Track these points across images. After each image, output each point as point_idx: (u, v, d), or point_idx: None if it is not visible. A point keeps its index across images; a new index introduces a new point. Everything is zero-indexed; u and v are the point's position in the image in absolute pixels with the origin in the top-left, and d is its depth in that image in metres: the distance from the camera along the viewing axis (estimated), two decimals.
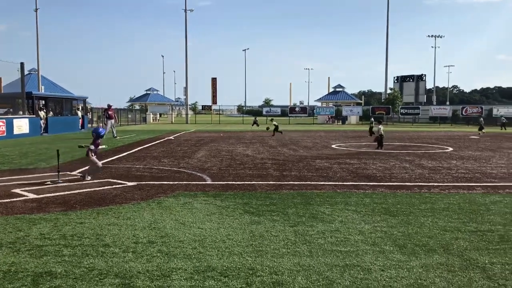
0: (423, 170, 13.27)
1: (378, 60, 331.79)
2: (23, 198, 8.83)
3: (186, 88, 79.62)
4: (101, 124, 33.32)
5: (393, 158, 16.62)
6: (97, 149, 11.23)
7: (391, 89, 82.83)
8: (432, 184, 10.82)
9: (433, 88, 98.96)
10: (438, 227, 6.77)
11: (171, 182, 10.89)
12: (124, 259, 5.27)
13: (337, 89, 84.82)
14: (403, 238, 6.20)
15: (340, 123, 70.51)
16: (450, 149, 21.52)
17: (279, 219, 7.20)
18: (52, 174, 11.59)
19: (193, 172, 12.71)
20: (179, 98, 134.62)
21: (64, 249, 5.64)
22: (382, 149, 20.69)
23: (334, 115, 71.85)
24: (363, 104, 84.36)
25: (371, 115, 39.99)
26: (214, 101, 76.77)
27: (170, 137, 29.53)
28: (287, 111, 73.05)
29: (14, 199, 8.67)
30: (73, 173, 12.12)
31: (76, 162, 14.63)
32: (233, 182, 10.88)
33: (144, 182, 10.79)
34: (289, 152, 19.14)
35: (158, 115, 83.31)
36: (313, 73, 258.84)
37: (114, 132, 28.63)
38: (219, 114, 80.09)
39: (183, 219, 7.22)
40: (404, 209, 7.98)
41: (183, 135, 33.20)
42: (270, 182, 10.91)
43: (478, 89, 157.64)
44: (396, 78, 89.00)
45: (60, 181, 10.47)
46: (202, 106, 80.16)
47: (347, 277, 4.74)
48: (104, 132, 12.18)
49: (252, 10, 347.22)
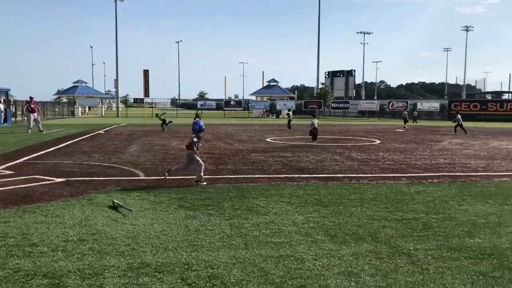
0: (352, 162, 13.78)
1: (310, 56, 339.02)
2: None
3: (116, 80, 77.13)
4: (25, 118, 31.41)
5: (324, 151, 17.11)
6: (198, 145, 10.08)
7: (322, 84, 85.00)
8: (361, 175, 11.27)
9: (362, 83, 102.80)
10: (367, 216, 7.08)
11: (102, 178, 10.56)
12: (53, 259, 5.05)
13: (271, 83, 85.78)
14: (334, 227, 6.42)
15: (275, 117, 71.45)
16: (378, 141, 22.50)
17: (214, 213, 7.20)
18: None
19: (125, 167, 12.40)
20: (110, 91, 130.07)
21: None
22: (315, 142, 21.26)
23: (268, 109, 72.69)
24: (296, 99, 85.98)
25: (288, 112, 41.05)
26: (147, 94, 74.95)
27: (101, 131, 28.54)
28: (222, 105, 72.96)
29: None
30: None
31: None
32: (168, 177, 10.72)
33: (73, 178, 10.38)
34: (224, 146, 19.16)
35: (87, 109, 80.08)
36: (248, 67, 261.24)
37: (40, 127, 27.21)
38: (152, 107, 78.40)
39: (115, 215, 7.03)
40: (335, 199, 8.26)
41: (114, 129, 32.23)
42: (206, 176, 10.87)
43: (404, 84, 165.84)
44: (327, 73, 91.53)
45: None
46: (134, 99, 77.90)
47: (282, 268, 4.84)
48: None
49: (186, 2, 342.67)
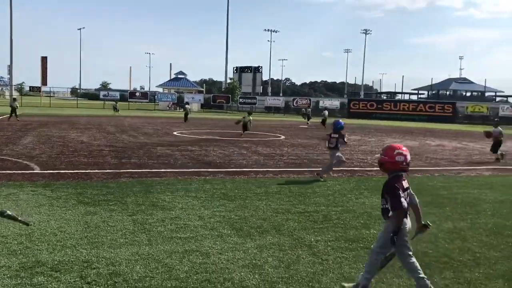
0: (259, 157, 14.04)
1: (219, 50, 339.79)
2: None
3: (10, 66, 71.36)
4: None
5: (232, 145, 17.25)
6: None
7: (230, 79, 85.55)
8: (267, 169, 11.52)
9: (268, 79, 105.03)
10: (271, 210, 7.25)
11: None
12: None
13: (179, 76, 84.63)
14: (240, 221, 6.49)
15: (182, 110, 70.62)
16: (283, 137, 23.16)
17: (117, 209, 6.94)
18: None
19: (19, 160, 11.51)
20: (2, 77, 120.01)
21: None
22: (243, 135, 21.50)
23: (176, 102, 71.64)
24: (204, 92, 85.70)
25: (185, 105, 41.17)
26: (44, 82, 70.17)
27: None
28: (127, 96, 70.54)
29: None
30: None
31: None
32: (66, 171, 10.15)
33: None
34: (128, 139, 18.55)
35: None
36: (154, 58, 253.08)
37: None
38: (50, 96, 73.66)
39: None
40: (241, 193, 8.35)
41: (7, 118, 29.79)
42: (107, 170, 10.45)
43: (308, 82, 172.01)
44: (235, 68, 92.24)
45: None
46: (30, 87, 72.64)
47: (186, 263, 4.80)
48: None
49: None
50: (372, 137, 25.64)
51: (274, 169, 11.59)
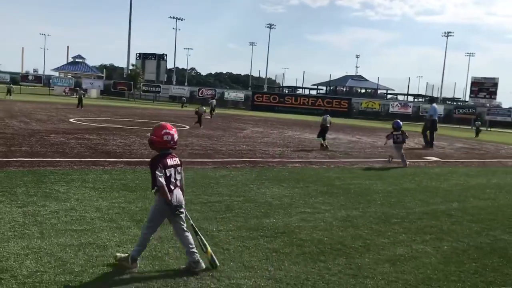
0: None
1: (121, 34, 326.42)
2: None
3: None
4: None
5: (133, 135, 16.73)
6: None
7: (133, 65, 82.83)
8: None
9: (173, 68, 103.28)
10: None
11: None
12: None
13: (77, 60, 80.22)
14: (140, 212, 6.33)
15: (75, 95, 66.99)
16: (187, 127, 22.95)
17: (5, 200, 6.41)
18: None
19: None
20: None
21: None
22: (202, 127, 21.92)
23: (73, 87, 67.76)
24: (104, 78, 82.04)
25: (80, 91, 39.52)
26: None
27: None
28: (19, 79, 65.32)
29: None
30: None
31: None
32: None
33: None
34: (19, 125, 17.21)
35: None
36: (50, 40, 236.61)
37: None
38: None
39: None
40: (142, 184, 8.14)
41: None
42: None
43: (213, 73, 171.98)
44: (138, 55, 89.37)
45: None
46: None
47: (82, 256, 4.58)
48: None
49: None
50: (274, 129, 26.37)
51: None
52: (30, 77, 68.23)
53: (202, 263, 4.44)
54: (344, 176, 10.96)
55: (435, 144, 20.93)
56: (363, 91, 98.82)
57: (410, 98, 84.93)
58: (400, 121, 14.21)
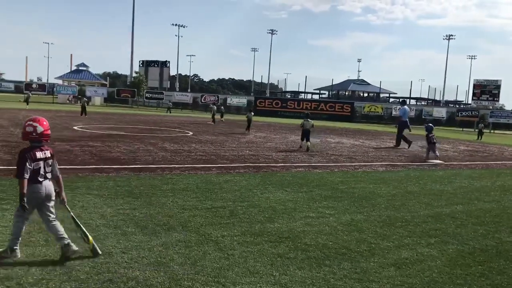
0: (166, 153, 13.81)
1: (124, 42, 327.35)
2: None
3: None
4: None
5: (138, 141, 16.78)
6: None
7: (136, 72, 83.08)
8: (174, 166, 11.38)
9: (176, 75, 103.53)
10: (178, 206, 7.17)
11: None
12: None
13: (81, 68, 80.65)
14: (145, 219, 6.34)
15: (79, 102, 67.26)
16: (191, 133, 22.99)
17: (10, 208, 6.44)
18: None
19: None
20: None
21: None
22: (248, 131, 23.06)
23: (77, 94, 68.06)
24: (108, 86, 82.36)
25: (84, 98, 39.43)
26: None
27: None
28: (23, 87, 65.64)
29: None
30: None
31: None
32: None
33: None
34: None
35: None
36: (54, 48, 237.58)
37: None
38: None
39: None
40: (147, 190, 8.16)
41: None
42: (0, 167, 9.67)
43: (216, 79, 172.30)
44: (141, 62, 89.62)
45: None
46: None
47: (87, 263, 4.59)
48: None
49: None
50: (277, 134, 26.37)
51: (181, 166, 11.47)
52: (34, 86, 68.50)
53: (73, 246, 4.65)
54: (348, 180, 10.95)
55: (410, 142, 21.18)
56: (365, 95, 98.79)
57: (413, 102, 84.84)
58: (431, 125, 17.44)
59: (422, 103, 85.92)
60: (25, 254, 4.73)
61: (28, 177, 4.52)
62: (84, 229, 4.91)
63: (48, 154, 4.75)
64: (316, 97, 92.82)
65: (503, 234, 6.85)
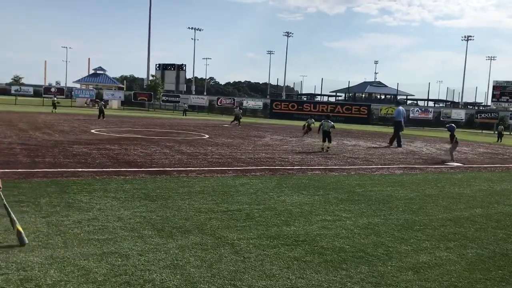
0: (182, 156, 13.88)
1: (141, 46, 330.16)
2: None
3: None
4: None
5: (154, 144, 16.90)
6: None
7: (153, 76, 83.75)
8: (190, 169, 11.42)
9: (192, 78, 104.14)
10: (194, 209, 7.20)
11: None
12: None
13: (98, 72, 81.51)
14: (161, 221, 6.37)
15: (96, 106, 68.02)
16: (207, 136, 23.07)
17: (29, 210, 6.53)
18: None
19: None
20: None
21: None
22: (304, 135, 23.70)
23: (94, 98, 68.88)
24: (125, 89, 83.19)
25: (99, 101, 39.84)
26: None
27: None
28: (42, 91, 66.69)
29: None
30: None
31: None
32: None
33: None
34: (42, 137, 17.54)
35: None
36: (72, 53, 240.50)
37: None
38: None
39: None
40: (163, 193, 8.21)
41: None
42: (19, 170, 9.82)
43: (232, 82, 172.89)
44: (158, 65, 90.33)
45: None
46: None
47: (104, 265, 4.63)
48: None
49: None
50: (294, 137, 26.30)
51: (198, 168, 11.51)
52: (52, 90, 69.44)
53: None
54: (364, 183, 10.86)
55: (400, 143, 22.41)
56: (382, 97, 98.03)
57: (431, 104, 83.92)
58: (454, 125, 17.24)
59: (440, 105, 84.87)
60: (44, 256, 4.78)
61: None
62: (14, 218, 5.17)
63: None
64: (332, 99, 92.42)
65: None
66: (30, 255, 4.78)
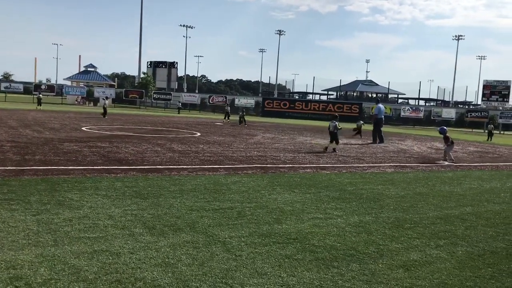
0: (173, 154, 13.84)
1: (132, 43, 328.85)
2: None
3: None
4: None
5: (145, 142, 16.83)
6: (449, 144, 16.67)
7: (144, 73, 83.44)
8: (182, 167, 11.39)
9: (184, 76, 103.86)
10: (186, 207, 7.18)
11: None
12: None
13: (89, 69, 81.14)
14: (152, 219, 6.35)
15: (92, 104, 67.66)
16: (198, 134, 23.03)
17: (19, 208, 6.48)
18: None
19: None
20: None
21: None
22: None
23: (85, 95, 68.50)
24: (116, 86, 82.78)
25: (104, 100, 39.72)
26: None
27: None
28: (32, 88, 66.17)
29: None
30: None
31: None
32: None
33: None
34: (32, 134, 17.40)
35: None
36: (62, 50, 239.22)
37: None
38: None
39: None
40: (154, 191, 8.18)
41: None
42: (9, 168, 9.73)
43: (224, 80, 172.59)
44: (149, 63, 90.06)
45: None
46: None
47: (95, 263, 4.60)
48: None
49: None
50: (285, 135, 26.34)
51: (189, 166, 11.49)
52: (43, 87, 69.01)
53: None
54: (356, 181, 10.90)
55: (383, 139, 23.75)
56: (373, 95, 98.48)
57: (422, 102, 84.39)
58: (445, 127, 17.47)
59: (431, 104, 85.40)
60: (34, 254, 4.75)
61: None
62: None
63: None
64: (324, 98, 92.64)
65: None
66: (20, 253, 4.74)
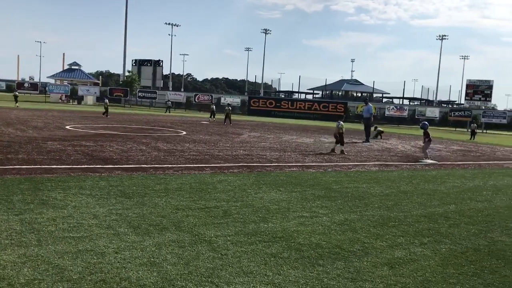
0: (159, 153, 13.76)
1: (117, 41, 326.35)
2: None
3: None
4: None
5: (130, 141, 16.71)
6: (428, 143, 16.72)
7: (129, 71, 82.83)
8: (167, 165, 11.34)
9: (169, 74, 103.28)
10: (171, 206, 7.15)
11: None
12: None
13: (73, 67, 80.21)
14: (137, 219, 6.31)
15: (76, 103, 66.95)
16: (184, 133, 22.93)
17: (1, 208, 6.38)
18: None
19: None
20: None
21: None
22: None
23: (69, 94, 67.74)
24: (100, 85, 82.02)
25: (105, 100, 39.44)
26: None
27: None
28: (15, 86, 65.23)
29: None
30: None
31: None
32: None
33: None
34: (15, 133, 17.16)
35: None
36: (46, 47, 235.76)
37: None
38: None
39: None
40: (139, 190, 8.12)
41: None
42: None
43: (209, 78, 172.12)
44: (134, 61, 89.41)
45: None
46: None
47: (80, 263, 4.56)
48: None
49: None
50: (271, 134, 26.38)
51: (175, 165, 11.44)
52: (26, 85, 68.08)
53: None
54: (341, 179, 10.97)
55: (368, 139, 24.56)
56: (358, 95, 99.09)
57: (406, 102, 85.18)
58: (426, 123, 17.04)
59: (415, 103, 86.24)
60: (17, 254, 4.69)
61: None
62: None
63: None
64: (309, 97, 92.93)
65: (495, 233, 6.89)
66: (2, 253, 4.68)
